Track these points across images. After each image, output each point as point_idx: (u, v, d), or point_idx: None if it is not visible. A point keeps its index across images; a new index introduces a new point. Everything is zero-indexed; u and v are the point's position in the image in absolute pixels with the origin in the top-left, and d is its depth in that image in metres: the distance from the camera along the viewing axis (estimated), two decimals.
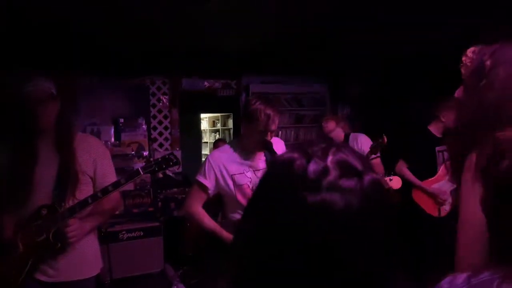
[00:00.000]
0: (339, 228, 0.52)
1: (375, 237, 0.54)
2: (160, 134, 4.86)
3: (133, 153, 4.44)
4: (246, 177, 2.14)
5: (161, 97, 4.86)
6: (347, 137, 3.69)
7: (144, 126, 4.71)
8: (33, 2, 2.43)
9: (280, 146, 2.29)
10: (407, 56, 4.18)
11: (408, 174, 3.28)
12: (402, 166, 3.28)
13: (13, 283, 1.72)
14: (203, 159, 8.25)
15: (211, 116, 8.47)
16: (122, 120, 4.62)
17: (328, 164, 0.55)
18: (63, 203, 1.79)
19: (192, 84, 5.09)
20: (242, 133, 2.23)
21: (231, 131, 7.48)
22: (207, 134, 8.60)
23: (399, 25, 3.20)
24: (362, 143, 3.52)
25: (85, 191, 1.86)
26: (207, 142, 8.51)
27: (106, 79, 4.48)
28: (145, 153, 4.58)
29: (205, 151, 8.28)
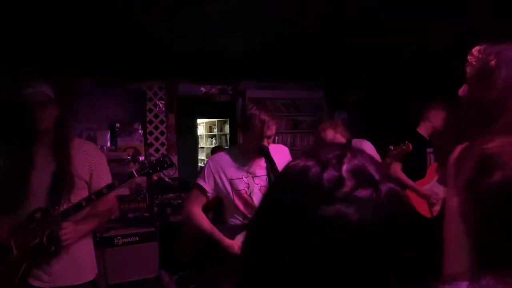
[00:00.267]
0: (354, 241, 0.50)
1: (392, 250, 0.52)
2: (156, 139, 4.85)
3: (129, 158, 4.42)
4: (244, 183, 2.14)
5: (158, 102, 4.85)
6: (349, 144, 3.49)
7: (140, 131, 4.70)
8: (30, 5, 2.44)
9: (283, 153, 2.27)
10: (404, 62, 4.21)
11: (402, 176, 3.30)
12: (397, 167, 3.29)
13: None
14: (200, 165, 8.28)
15: (208, 122, 8.47)
16: (118, 125, 4.61)
17: (343, 174, 0.53)
18: (58, 207, 1.78)
19: (189, 89, 5.10)
20: (240, 139, 2.24)
21: (228, 137, 7.49)
22: (204, 140, 8.60)
23: (396, 30, 3.23)
24: (368, 150, 3.43)
25: (80, 196, 1.84)
26: (204, 148, 8.51)
27: (103, 84, 4.48)
28: (141, 158, 4.56)
29: (202, 156, 8.27)
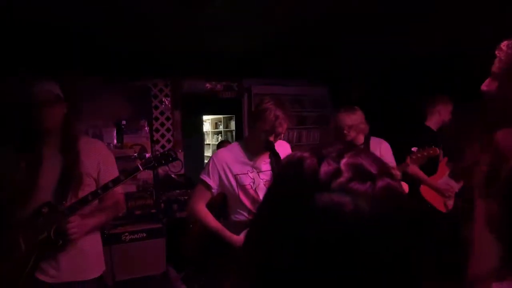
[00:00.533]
0: (348, 232, 0.50)
1: (387, 245, 0.51)
2: (163, 136, 4.86)
3: (136, 155, 4.45)
4: (249, 178, 2.14)
5: (163, 99, 4.86)
6: (368, 140, 3.22)
7: (147, 128, 4.72)
8: (33, 3, 2.44)
9: (286, 148, 2.28)
10: (409, 56, 4.18)
11: (418, 172, 3.27)
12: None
13: (15, 283, 1.72)
14: (206, 161, 8.29)
15: (213, 118, 8.49)
16: (124, 122, 4.63)
17: (341, 166, 0.53)
18: (64, 202, 1.80)
19: (194, 86, 5.10)
20: (247, 133, 2.23)
21: (234, 133, 7.49)
22: (210, 136, 8.62)
23: (400, 26, 3.20)
24: (385, 152, 3.17)
25: (88, 192, 1.85)
26: (210, 144, 8.53)
27: (108, 82, 4.50)
28: (148, 155, 4.58)
29: (208, 153, 8.29)
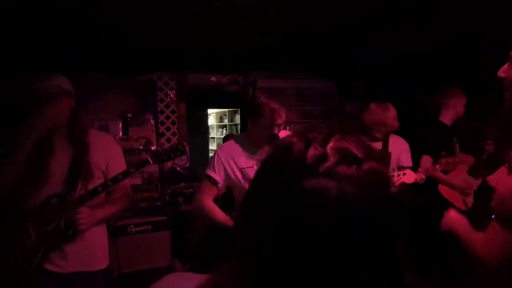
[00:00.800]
0: (335, 216, 0.51)
1: (371, 228, 0.52)
2: (168, 129, 4.87)
3: (141, 148, 4.47)
4: (255, 171, 2.12)
5: (169, 92, 4.86)
6: (387, 137, 3.05)
7: (152, 121, 4.73)
8: None
9: None
10: (417, 51, 4.14)
11: (440, 174, 3.10)
12: (428, 162, 3.08)
13: (24, 272, 1.73)
14: (210, 155, 8.30)
15: (218, 112, 8.48)
16: (130, 115, 4.65)
17: (328, 151, 0.54)
18: (73, 193, 1.81)
19: (199, 79, 5.09)
20: (249, 128, 2.21)
21: (238, 127, 7.49)
22: (214, 130, 8.62)
23: (407, 24, 3.17)
24: (405, 154, 3.03)
25: (96, 184, 1.86)
26: (214, 138, 8.53)
27: (114, 75, 4.50)
28: (153, 148, 4.60)
29: (212, 147, 8.30)
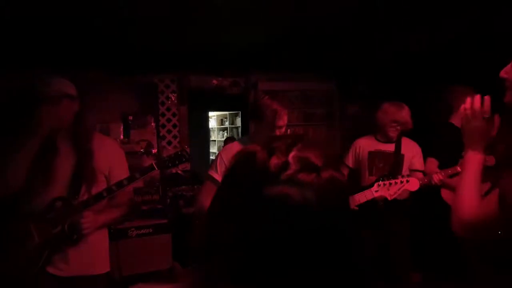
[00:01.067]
0: (296, 221, 0.54)
1: (328, 232, 0.56)
2: (169, 132, 4.86)
3: (142, 151, 4.47)
4: None
5: (170, 95, 4.86)
6: (399, 139, 3.01)
7: (153, 124, 4.73)
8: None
9: None
10: (418, 52, 4.14)
11: (450, 180, 2.95)
12: (433, 165, 3.01)
13: (27, 275, 1.73)
14: (211, 157, 8.31)
15: (219, 115, 8.49)
16: (131, 118, 4.64)
17: (289, 159, 0.57)
18: (77, 197, 1.81)
19: (200, 82, 5.09)
20: (252, 130, 2.22)
21: (239, 129, 7.49)
22: (215, 132, 8.63)
23: (408, 22, 3.17)
24: (417, 158, 3.00)
25: (99, 189, 1.87)
26: (215, 140, 8.53)
27: (115, 77, 4.50)
28: (154, 151, 4.60)
29: (213, 149, 8.31)
